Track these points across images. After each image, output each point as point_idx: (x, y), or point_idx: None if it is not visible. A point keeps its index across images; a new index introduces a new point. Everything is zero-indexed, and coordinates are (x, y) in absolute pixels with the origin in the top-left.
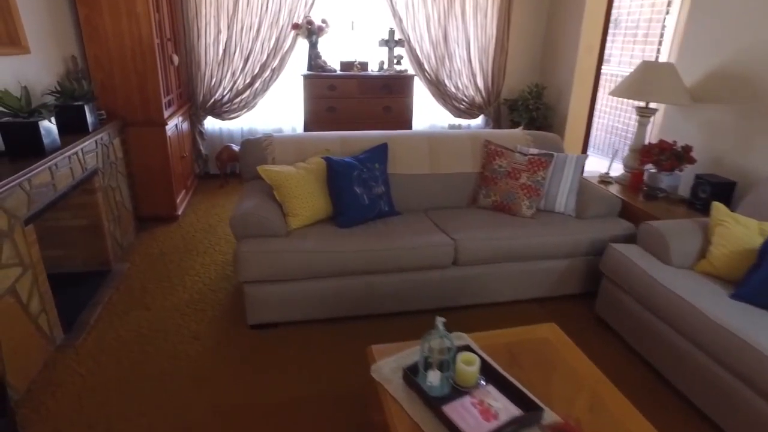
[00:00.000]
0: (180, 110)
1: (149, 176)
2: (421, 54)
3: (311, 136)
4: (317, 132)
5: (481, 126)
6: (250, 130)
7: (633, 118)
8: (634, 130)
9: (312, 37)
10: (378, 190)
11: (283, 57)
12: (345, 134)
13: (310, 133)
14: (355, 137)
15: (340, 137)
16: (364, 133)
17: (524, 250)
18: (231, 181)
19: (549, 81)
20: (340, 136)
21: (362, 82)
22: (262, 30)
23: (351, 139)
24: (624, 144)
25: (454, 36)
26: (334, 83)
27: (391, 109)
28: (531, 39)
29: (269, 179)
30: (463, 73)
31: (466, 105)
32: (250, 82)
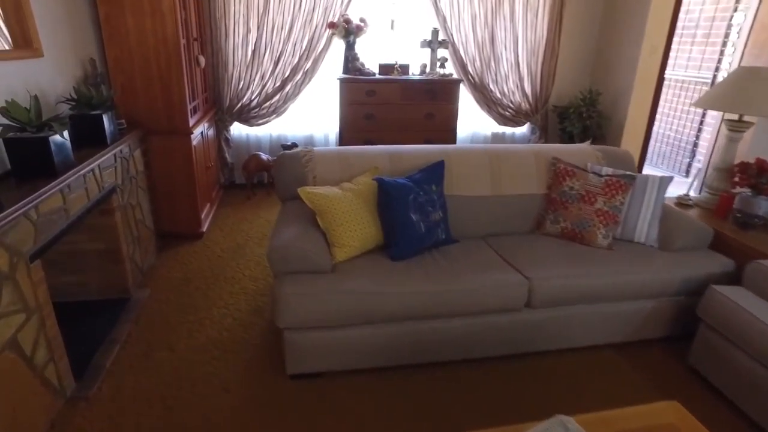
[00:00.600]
0: (206, 116)
1: (172, 190)
2: (465, 56)
3: (356, 151)
4: (363, 146)
5: (527, 135)
6: (279, 137)
7: (688, 126)
8: (688, 139)
9: (349, 38)
10: (435, 216)
11: (316, 59)
12: (395, 149)
13: (355, 148)
14: (407, 153)
15: (389, 153)
16: (415, 148)
17: (606, 290)
18: (258, 192)
19: (603, 86)
20: (389, 152)
21: (404, 87)
22: (295, 29)
23: (402, 155)
24: (675, 154)
25: (502, 37)
26: (373, 88)
27: (433, 116)
28: (583, 40)
29: (312, 204)
30: (510, 77)
31: (512, 112)
32: (281, 86)
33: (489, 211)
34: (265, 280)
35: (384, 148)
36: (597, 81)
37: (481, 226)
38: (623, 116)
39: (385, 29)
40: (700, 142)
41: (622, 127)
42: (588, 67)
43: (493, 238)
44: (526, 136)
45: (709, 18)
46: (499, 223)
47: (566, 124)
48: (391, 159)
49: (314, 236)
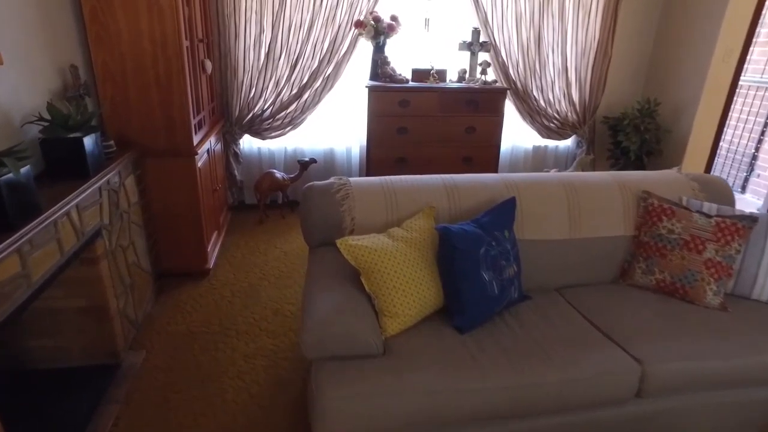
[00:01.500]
0: (213, 130)
1: (173, 222)
2: (508, 60)
3: (405, 185)
4: (411, 178)
5: (572, 149)
6: (295, 152)
7: (745, 136)
8: (745, 151)
9: (379, 39)
10: (510, 270)
11: (339, 63)
12: (451, 181)
13: (401, 180)
14: (465, 185)
15: (445, 186)
16: (474, 179)
17: (739, 373)
18: (271, 214)
19: (662, 95)
20: (446, 185)
21: (442, 97)
22: (315, 29)
23: (459, 188)
24: (729, 168)
25: (549, 38)
26: (407, 97)
27: (475, 130)
28: (638, 43)
29: (356, 261)
30: (556, 84)
31: (557, 123)
32: (298, 94)
33: (565, 257)
34: (286, 336)
35: (438, 180)
36: (653, 89)
37: (554, 275)
38: (687, 129)
39: (417, 30)
40: (761, 155)
41: (685, 142)
42: (641, 74)
43: (569, 290)
44: (571, 151)
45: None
46: (576, 271)
47: (621, 137)
48: (449, 193)
49: (359, 304)
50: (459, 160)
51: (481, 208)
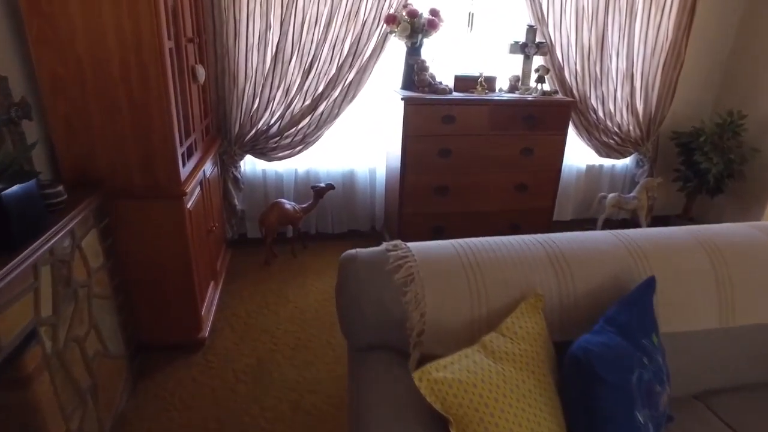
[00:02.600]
0: (208, 154)
1: (155, 282)
2: (566, 65)
3: (490, 254)
4: (498, 241)
5: (631, 169)
6: (307, 175)
7: None
8: None
9: (415, 38)
10: (664, 399)
11: (363, 68)
12: (554, 246)
13: (484, 246)
14: (575, 252)
15: (547, 253)
16: (582, 241)
17: None
18: (280, 251)
19: (744, 107)
20: (548, 252)
21: (494, 111)
22: (334, 26)
23: (569, 258)
24: None
25: (613, 40)
26: (452, 112)
27: (532, 151)
28: (715, 44)
29: (443, 404)
30: (619, 92)
31: (618, 140)
32: (312, 106)
33: (714, 354)
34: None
35: (536, 245)
36: (730, 100)
37: (697, 378)
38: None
39: (458, 28)
40: None
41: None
42: (714, 81)
43: (718, 399)
44: (630, 171)
45: None
46: (728, 372)
47: (698, 157)
48: (556, 268)
49: None
50: (512, 188)
51: (605, 292)
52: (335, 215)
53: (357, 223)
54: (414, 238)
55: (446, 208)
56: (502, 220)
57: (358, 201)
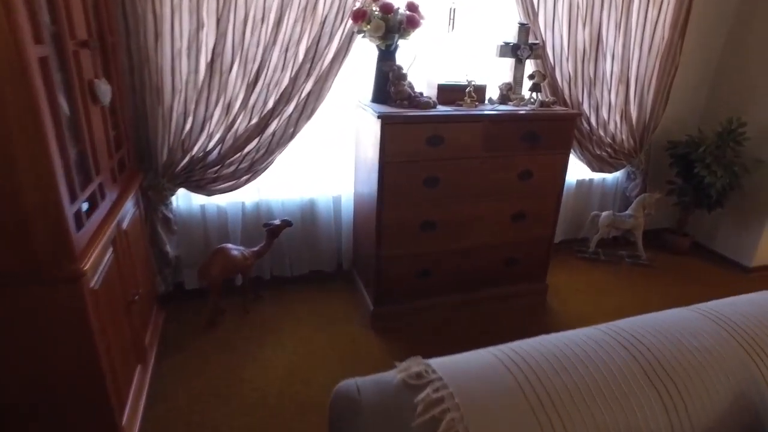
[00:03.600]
0: (124, 197)
1: (44, 405)
2: (559, 70)
3: (561, 377)
4: (564, 341)
5: (622, 182)
6: (257, 208)
7: None
8: None
9: (391, 38)
10: None
11: (323, 76)
12: (645, 347)
13: (545, 354)
14: (677, 357)
15: (641, 367)
16: (674, 325)
17: None
18: (227, 306)
19: (739, 114)
20: (643, 365)
21: (489, 129)
22: (285, 24)
23: (674, 373)
24: None
25: (609, 40)
26: (440, 131)
27: (531, 174)
28: (707, 46)
29: None
30: (614, 100)
31: (610, 151)
32: (261, 125)
33: None
34: None
35: (618, 350)
36: (722, 107)
37: None
38: None
39: (437, 27)
40: None
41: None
42: (704, 87)
43: None
44: (621, 184)
45: None
46: None
47: (699, 169)
48: (659, 389)
49: None
50: (508, 218)
51: (733, 424)
52: (294, 255)
53: (320, 263)
54: (395, 284)
55: (433, 246)
56: (497, 254)
57: (321, 236)
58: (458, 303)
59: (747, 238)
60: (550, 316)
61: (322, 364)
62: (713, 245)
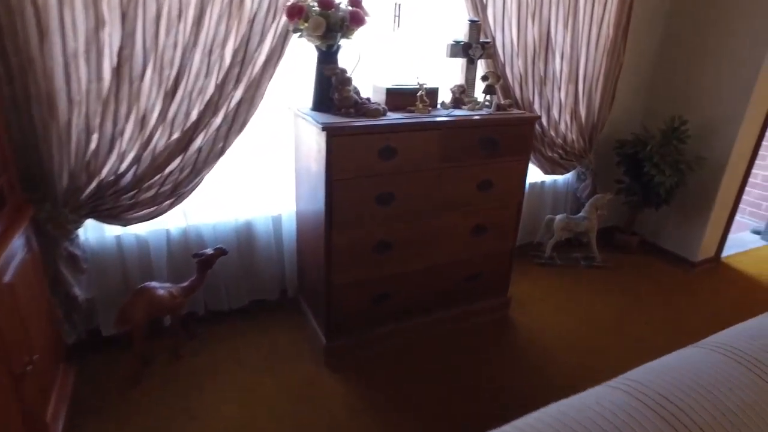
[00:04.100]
0: (8, 237)
1: None
2: (509, 69)
3: None
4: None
5: (572, 183)
6: (186, 236)
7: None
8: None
9: (333, 38)
10: None
11: (256, 82)
12: (676, 411)
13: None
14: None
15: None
16: (700, 375)
17: None
18: (156, 356)
19: (678, 112)
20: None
21: (447, 137)
22: (207, 22)
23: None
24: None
25: (558, 40)
26: (394, 142)
27: (491, 184)
28: (646, 43)
29: None
30: (564, 99)
31: (561, 153)
32: (184, 141)
33: None
34: None
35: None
36: (661, 105)
37: None
38: (724, 155)
39: (382, 26)
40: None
41: (721, 171)
42: (643, 84)
43: None
44: (571, 185)
45: None
46: None
47: (650, 169)
48: None
49: None
50: (468, 232)
51: None
52: (231, 285)
53: (262, 291)
54: (349, 314)
55: (390, 268)
56: (458, 271)
57: (261, 261)
58: (419, 326)
59: (691, 234)
60: (516, 331)
61: (272, 415)
62: (660, 242)
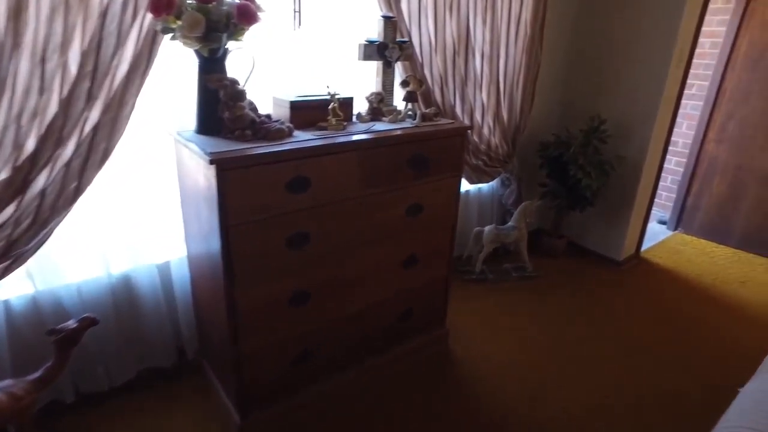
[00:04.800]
0: None
1: None
2: (429, 71)
3: None
4: None
5: (498, 191)
6: (36, 306)
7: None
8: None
9: (217, 40)
10: None
11: (117, 99)
12: None
13: None
14: None
15: None
16: None
17: None
18: None
19: (594, 111)
20: None
21: (368, 159)
22: (32, 16)
23: None
24: None
25: (477, 37)
26: (305, 171)
27: (421, 208)
28: (561, 43)
29: None
30: (486, 102)
31: (486, 159)
32: (19, 182)
33: None
34: None
35: None
36: (580, 104)
37: None
38: (641, 153)
39: (280, 25)
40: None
41: (640, 169)
42: (558, 84)
43: None
44: (496, 193)
45: None
46: None
47: (575, 171)
48: None
49: None
50: (398, 264)
51: None
52: (111, 358)
53: (153, 357)
54: (266, 381)
55: (311, 321)
56: (390, 311)
57: (148, 322)
58: (351, 381)
59: (615, 233)
60: (457, 367)
61: None
62: (586, 243)
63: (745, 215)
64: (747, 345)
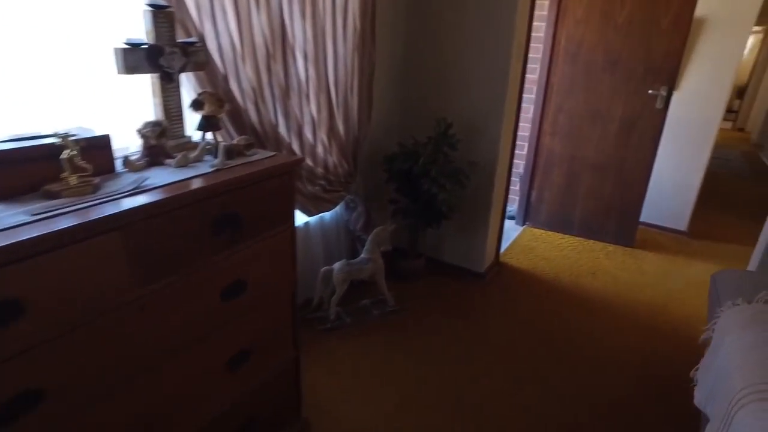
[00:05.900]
0: None
1: None
2: (236, 81)
3: None
4: None
5: (342, 217)
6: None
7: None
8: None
9: None
10: None
11: None
12: None
13: None
14: None
15: None
16: None
17: None
18: None
19: (435, 114)
20: None
21: (144, 234)
22: None
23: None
24: None
25: (296, 33)
26: (14, 284)
27: (244, 285)
28: (393, 39)
29: None
30: (318, 116)
31: (324, 184)
32: None
33: None
34: None
35: None
36: (423, 107)
37: None
38: (492, 155)
39: None
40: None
41: (493, 173)
42: (399, 85)
43: None
44: (341, 217)
45: None
46: None
47: (430, 186)
48: None
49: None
50: (222, 368)
51: None
52: None
53: None
54: None
55: None
56: (224, 427)
57: None
58: None
59: (475, 243)
60: None
61: None
62: (445, 257)
63: (581, 204)
64: (616, 345)
